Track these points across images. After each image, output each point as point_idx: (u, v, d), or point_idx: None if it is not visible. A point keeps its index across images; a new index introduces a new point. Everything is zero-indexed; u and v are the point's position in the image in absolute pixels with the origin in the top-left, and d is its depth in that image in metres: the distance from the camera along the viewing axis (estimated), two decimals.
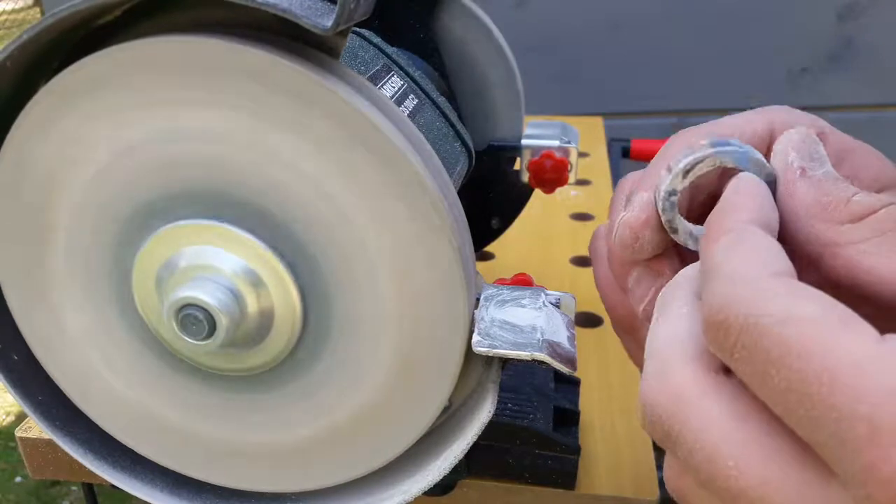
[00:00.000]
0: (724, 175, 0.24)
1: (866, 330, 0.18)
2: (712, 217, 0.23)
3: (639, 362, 0.28)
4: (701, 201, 0.27)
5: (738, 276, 0.20)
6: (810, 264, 0.23)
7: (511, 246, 0.64)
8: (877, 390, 0.16)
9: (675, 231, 0.25)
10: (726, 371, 0.21)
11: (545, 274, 0.60)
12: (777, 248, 0.21)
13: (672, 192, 0.24)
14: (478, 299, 0.29)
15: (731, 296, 0.19)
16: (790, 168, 0.23)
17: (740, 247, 0.21)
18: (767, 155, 0.25)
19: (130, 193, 0.29)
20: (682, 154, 0.24)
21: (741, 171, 0.24)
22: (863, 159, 0.26)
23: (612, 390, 0.46)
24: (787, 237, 0.23)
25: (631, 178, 0.29)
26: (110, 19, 0.29)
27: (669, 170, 0.25)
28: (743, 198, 0.23)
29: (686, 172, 0.24)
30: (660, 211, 0.25)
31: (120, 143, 0.28)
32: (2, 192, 0.30)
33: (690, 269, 0.23)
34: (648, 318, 0.25)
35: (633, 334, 0.30)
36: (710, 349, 0.20)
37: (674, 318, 0.22)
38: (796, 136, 0.24)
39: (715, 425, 0.19)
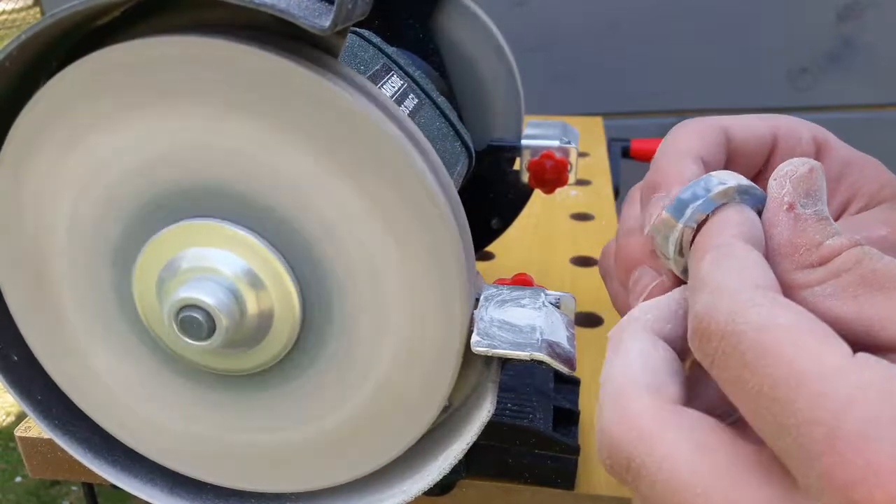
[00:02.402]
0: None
1: (839, 344, 0.18)
2: (698, 239, 0.23)
3: None
4: None
5: (723, 288, 0.20)
6: None
7: (511, 246, 0.64)
8: (837, 397, 0.17)
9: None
10: (683, 402, 0.21)
11: (545, 274, 0.60)
12: (761, 261, 0.21)
13: (685, 270, 0.25)
14: (477, 299, 0.29)
15: (715, 305, 0.20)
16: (777, 200, 0.23)
17: (725, 261, 0.21)
18: (767, 165, 0.25)
19: (130, 193, 0.29)
20: (659, 242, 0.25)
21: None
22: (865, 172, 0.25)
23: None
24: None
25: (640, 187, 0.29)
26: (110, 19, 0.29)
27: (666, 256, 0.25)
28: (728, 216, 0.23)
29: (680, 251, 0.25)
30: (680, 276, 0.25)
31: (119, 143, 0.28)
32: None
33: (638, 310, 0.24)
34: None
35: None
36: (696, 357, 0.21)
37: (626, 352, 0.23)
38: (802, 169, 0.23)
39: (679, 454, 0.20)
